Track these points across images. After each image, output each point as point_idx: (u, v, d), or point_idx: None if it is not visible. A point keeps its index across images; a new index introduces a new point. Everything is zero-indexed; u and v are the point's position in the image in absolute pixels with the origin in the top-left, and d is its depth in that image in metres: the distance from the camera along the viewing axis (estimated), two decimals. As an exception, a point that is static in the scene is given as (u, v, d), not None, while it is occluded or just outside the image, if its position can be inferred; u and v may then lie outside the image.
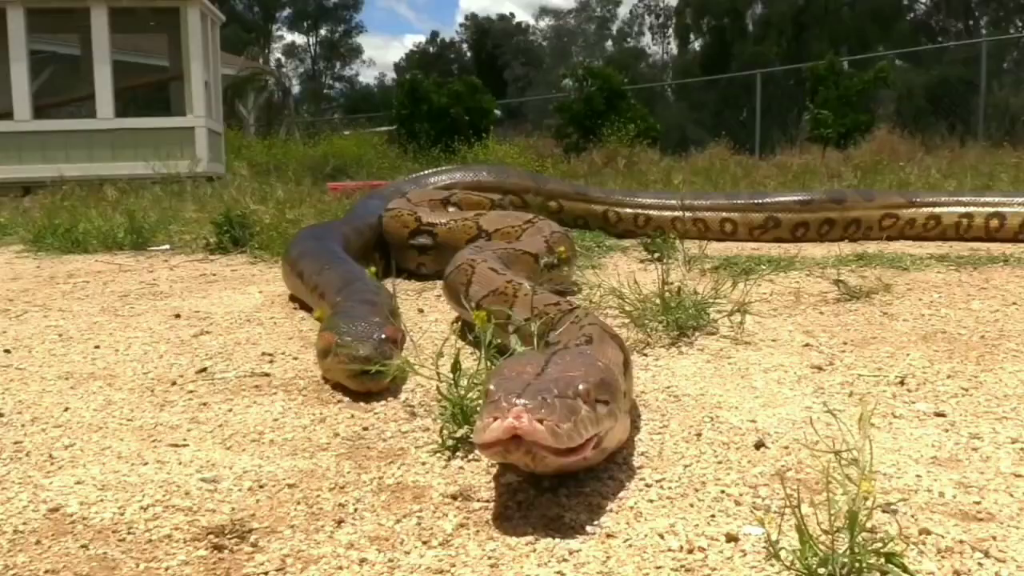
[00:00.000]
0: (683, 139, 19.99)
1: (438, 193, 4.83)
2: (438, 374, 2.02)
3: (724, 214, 5.24)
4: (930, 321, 2.90)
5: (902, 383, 2.20)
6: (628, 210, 5.39)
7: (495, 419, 1.33)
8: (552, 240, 3.43)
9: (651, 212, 5.33)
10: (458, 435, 1.75)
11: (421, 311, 3.37)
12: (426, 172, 5.96)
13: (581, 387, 1.45)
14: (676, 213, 5.24)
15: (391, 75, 50.46)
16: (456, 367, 1.80)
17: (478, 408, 1.81)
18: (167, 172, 9.25)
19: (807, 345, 2.62)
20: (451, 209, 4.54)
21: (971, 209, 5.05)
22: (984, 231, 4.98)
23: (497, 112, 16.74)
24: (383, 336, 2.27)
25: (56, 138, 11.86)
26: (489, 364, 1.88)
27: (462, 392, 1.78)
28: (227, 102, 14.22)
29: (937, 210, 5.11)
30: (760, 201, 5.37)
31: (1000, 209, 5.00)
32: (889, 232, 5.09)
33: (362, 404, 2.13)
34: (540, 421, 1.33)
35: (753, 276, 3.51)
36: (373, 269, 2.60)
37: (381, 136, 14.79)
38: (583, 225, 5.44)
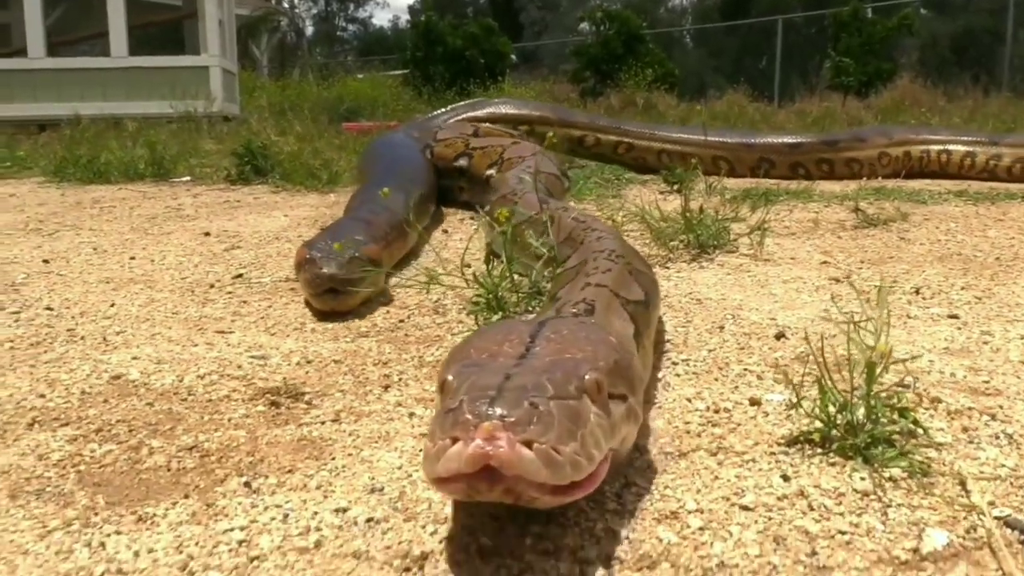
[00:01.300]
0: (701, 85, 19.73)
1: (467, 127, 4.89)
2: (464, 277, 2.12)
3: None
4: (946, 245, 2.96)
5: (917, 292, 2.28)
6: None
7: (454, 440, 0.87)
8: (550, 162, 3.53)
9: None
10: (492, 321, 1.84)
11: (446, 231, 3.45)
12: (452, 108, 5.96)
13: (588, 377, 1.00)
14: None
15: (405, 17, 49.54)
16: (489, 260, 1.88)
17: (507, 296, 1.91)
18: (183, 111, 9.27)
19: (825, 262, 2.69)
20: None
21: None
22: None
23: (513, 56, 16.59)
24: (356, 254, 2.15)
25: (70, 76, 11.85)
26: (508, 272, 1.96)
27: (495, 281, 1.87)
28: (240, 43, 14.14)
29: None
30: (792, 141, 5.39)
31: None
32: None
33: (397, 301, 2.22)
34: (528, 444, 0.87)
35: (773, 204, 3.57)
36: (386, 190, 2.61)
37: (395, 79, 14.71)
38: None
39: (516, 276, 2.03)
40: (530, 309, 1.98)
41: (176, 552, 0.99)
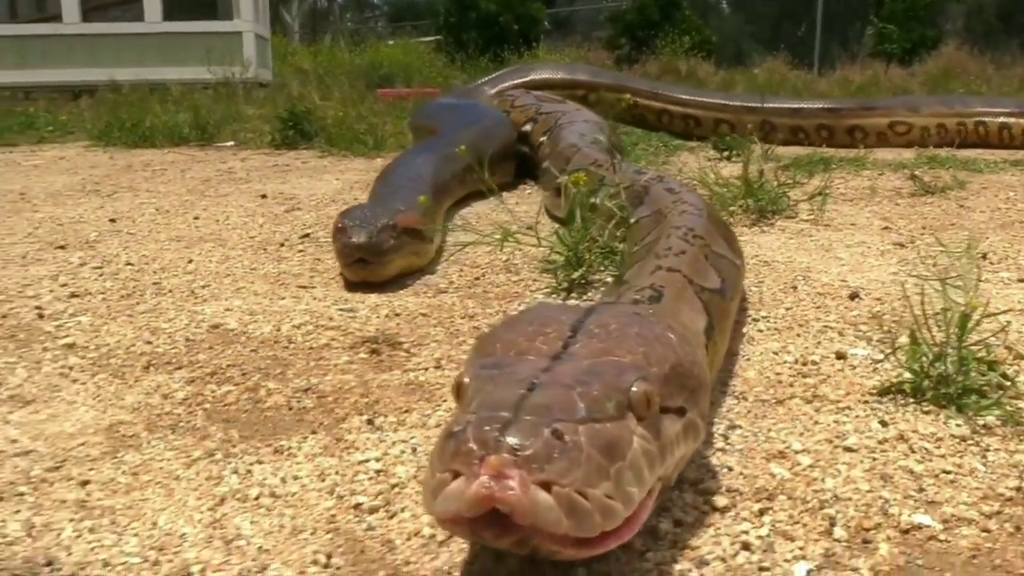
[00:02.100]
0: (738, 52, 19.42)
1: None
2: (537, 235, 2.16)
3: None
4: (1007, 213, 2.96)
5: (984, 257, 2.30)
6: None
7: (454, 474, 0.73)
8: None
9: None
10: (573, 277, 1.89)
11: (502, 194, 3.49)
12: (508, 70, 5.95)
13: (636, 389, 0.82)
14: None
15: (436, -17, 49.09)
16: (571, 217, 1.93)
17: (588, 255, 1.95)
18: (220, 76, 9.32)
19: (886, 228, 2.71)
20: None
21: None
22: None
23: (546, 22, 16.45)
24: (390, 223, 2.04)
25: (105, 41, 11.92)
26: (586, 231, 2.00)
27: (576, 238, 1.91)
28: (272, 8, 14.15)
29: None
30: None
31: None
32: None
33: (468, 260, 2.27)
34: (546, 486, 0.71)
35: (828, 170, 3.58)
36: (463, 147, 2.64)
37: (428, 45, 14.66)
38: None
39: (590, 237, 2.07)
40: (604, 268, 2.02)
41: (319, 479, 1.06)
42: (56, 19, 12.40)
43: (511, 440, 0.72)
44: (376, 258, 1.97)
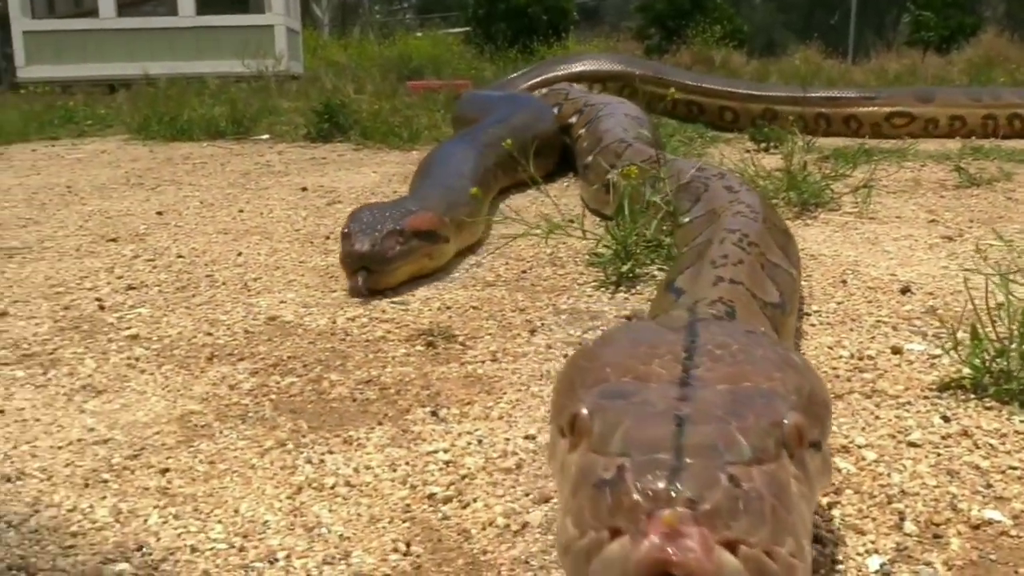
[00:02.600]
0: (770, 42, 19.22)
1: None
2: (582, 228, 2.18)
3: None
4: (1056, 205, 2.92)
5: (1035, 250, 2.27)
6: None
7: (613, 533, 0.62)
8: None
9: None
10: (622, 271, 1.90)
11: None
12: (548, 62, 5.96)
13: (789, 421, 0.72)
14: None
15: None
16: (620, 211, 1.94)
17: (636, 249, 1.96)
18: (254, 70, 9.41)
19: (932, 221, 2.69)
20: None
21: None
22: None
23: (575, 14, 16.39)
24: (398, 228, 1.93)
25: (140, 36, 12.08)
26: (633, 225, 2.01)
27: (624, 234, 1.92)
28: (302, 2, 14.24)
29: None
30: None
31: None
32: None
33: (513, 253, 2.29)
34: (731, 546, 0.61)
35: (871, 162, 3.55)
36: (509, 141, 2.64)
37: (456, 37, 14.68)
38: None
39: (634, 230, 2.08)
40: (650, 262, 2.03)
41: (391, 469, 1.09)
42: (92, 14, 12.58)
43: (684, 489, 0.60)
44: (380, 267, 1.87)
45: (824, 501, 0.99)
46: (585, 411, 0.71)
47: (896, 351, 1.49)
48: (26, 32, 12.28)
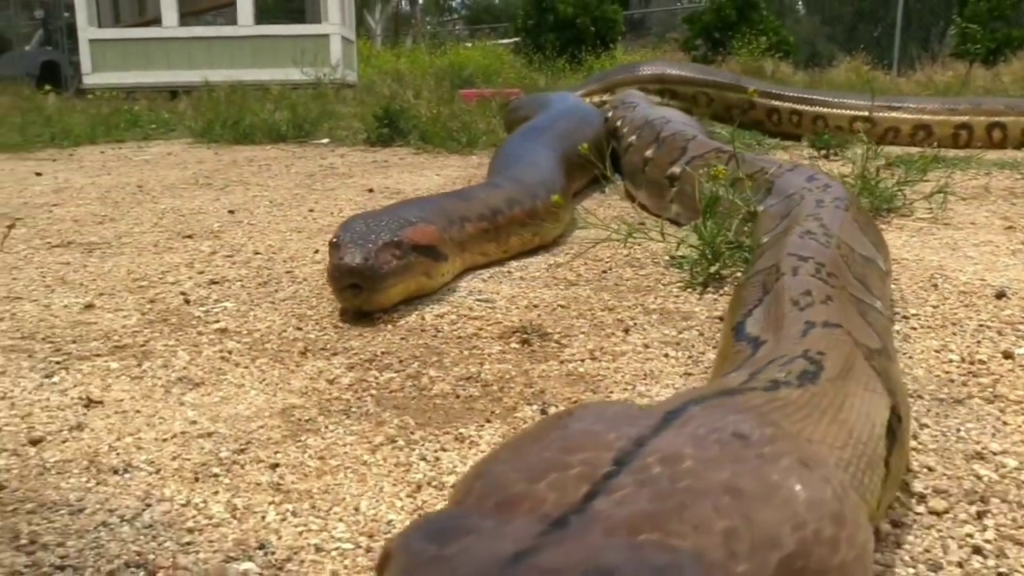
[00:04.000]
0: (814, 54, 18.99)
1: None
2: (662, 231, 2.14)
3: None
4: None
5: None
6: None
7: None
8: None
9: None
10: (710, 272, 1.86)
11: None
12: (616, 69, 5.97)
13: None
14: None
15: (513, -14, 49.53)
16: (707, 213, 1.90)
17: (723, 249, 1.92)
18: (310, 78, 9.54)
19: (1010, 228, 2.60)
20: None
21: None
22: None
23: (622, 25, 16.38)
24: (394, 239, 1.72)
25: (200, 44, 12.33)
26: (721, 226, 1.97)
27: (712, 234, 1.88)
28: (356, 12, 14.42)
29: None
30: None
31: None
32: None
33: (590, 255, 2.26)
34: None
35: (933, 170, 3.45)
36: (585, 145, 2.61)
37: (506, 47, 14.73)
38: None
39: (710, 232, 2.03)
40: (732, 263, 1.98)
41: (505, 466, 1.06)
42: (156, 23, 12.89)
43: None
44: (373, 283, 1.65)
45: (972, 510, 0.93)
46: (393, 550, 0.52)
47: (1007, 356, 1.42)
48: (92, 40, 12.62)
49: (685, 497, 0.51)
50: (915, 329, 1.60)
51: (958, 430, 1.14)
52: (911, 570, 0.83)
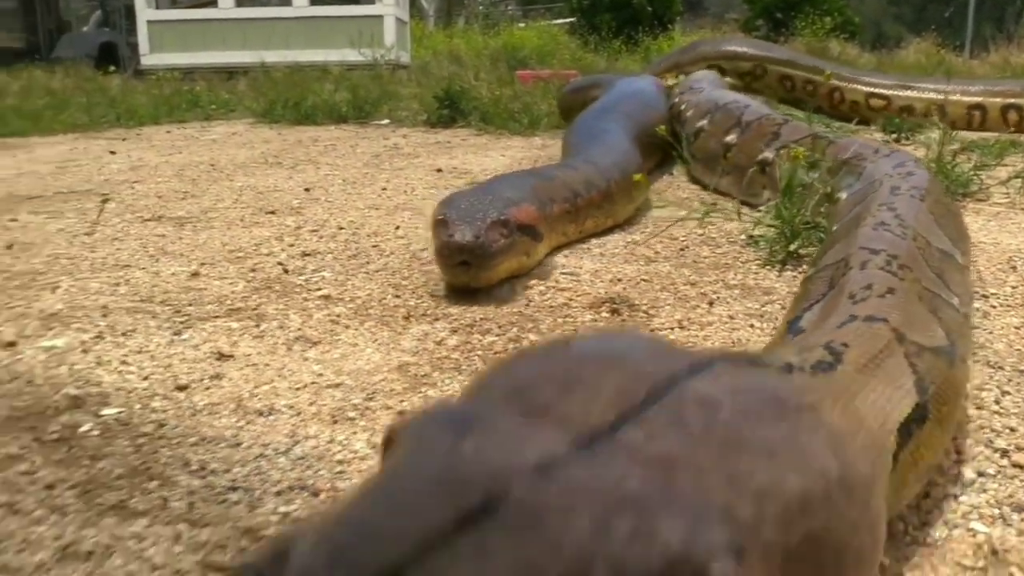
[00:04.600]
0: (880, 35, 18.64)
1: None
2: (739, 212, 2.20)
3: None
4: None
5: None
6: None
7: None
8: None
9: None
10: (790, 249, 1.92)
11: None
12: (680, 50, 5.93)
13: (718, 571, 0.40)
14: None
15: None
16: (788, 190, 1.96)
17: (803, 231, 1.98)
18: (366, 59, 9.67)
19: (1091, 213, 2.61)
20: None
21: None
22: None
23: (679, 4, 16.24)
24: (501, 217, 1.74)
25: (256, 25, 12.56)
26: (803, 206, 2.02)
27: (791, 213, 1.94)
28: (409, -7, 14.53)
29: None
30: None
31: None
32: None
33: (665, 234, 2.33)
34: None
35: (1015, 154, 3.44)
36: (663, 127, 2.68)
37: (560, 28, 14.75)
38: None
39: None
40: (809, 243, 2.04)
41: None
42: (212, 4, 13.13)
43: None
44: (481, 261, 1.68)
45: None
46: (403, 432, 0.48)
47: (1095, 334, 1.47)
48: (150, 22, 12.92)
49: (721, 448, 0.47)
50: (994, 307, 1.65)
51: (1042, 399, 1.20)
52: (996, 511, 0.91)
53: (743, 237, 2.20)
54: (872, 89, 5.07)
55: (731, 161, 2.82)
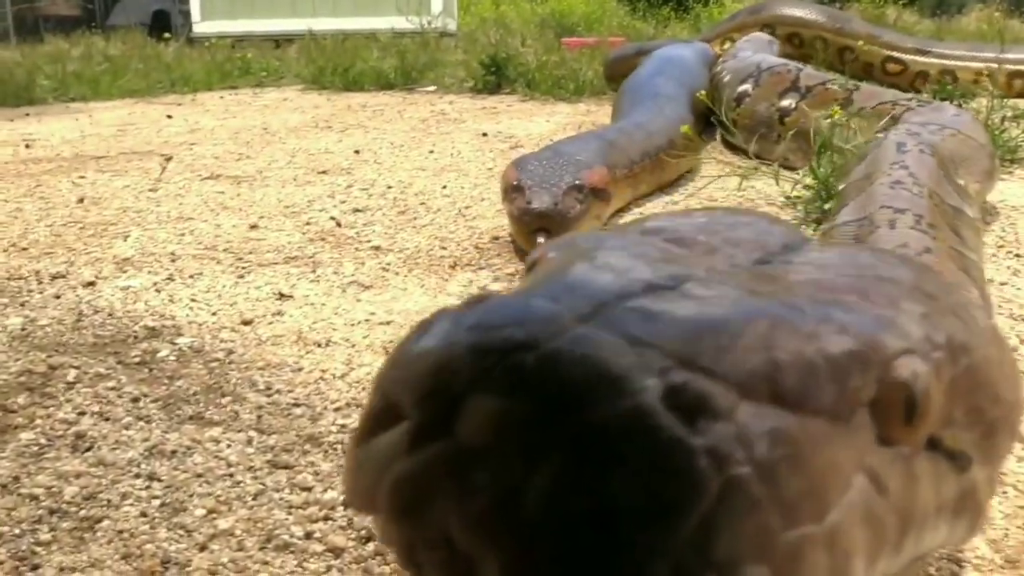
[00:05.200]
0: (942, 1, 18.11)
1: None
2: (776, 176, 2.25)
3: None
4: None
5: None
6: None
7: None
8: None
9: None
10: (824, 208, 1.97)
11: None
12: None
13: (905, 369, 0.42)
14: None
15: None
16: (822, 150, 2.00)
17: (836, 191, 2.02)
18: (414, 26, 9.73)
19: None
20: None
21: None
22: None
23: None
24: (576, 182, 1.72)
25: (305, -7, 12.68)
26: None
27: (826, 174, 1.99)
28: (456, -40, 14.50)
29: None
30: None
31: None
32: None
33: (704, 194, 2.39)
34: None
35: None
36: (703, 92, 2.70)
37: (608, -6, 14.64)
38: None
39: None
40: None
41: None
42: (261, -28, 13.23)
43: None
44: (561, 228, 1.62)
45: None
46: (551, 254, 0.49)
47: (1120, 291, 1.51)
48: (202, -10, 13.10)
49: (873, 281, 0.46)
50: (1021, 269, 1.69)
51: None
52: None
53: (781, 199, 2.25)
54: (890, 52, 4.95)
55: (789, 127, 2.82)
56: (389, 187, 2.66)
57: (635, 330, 0.36)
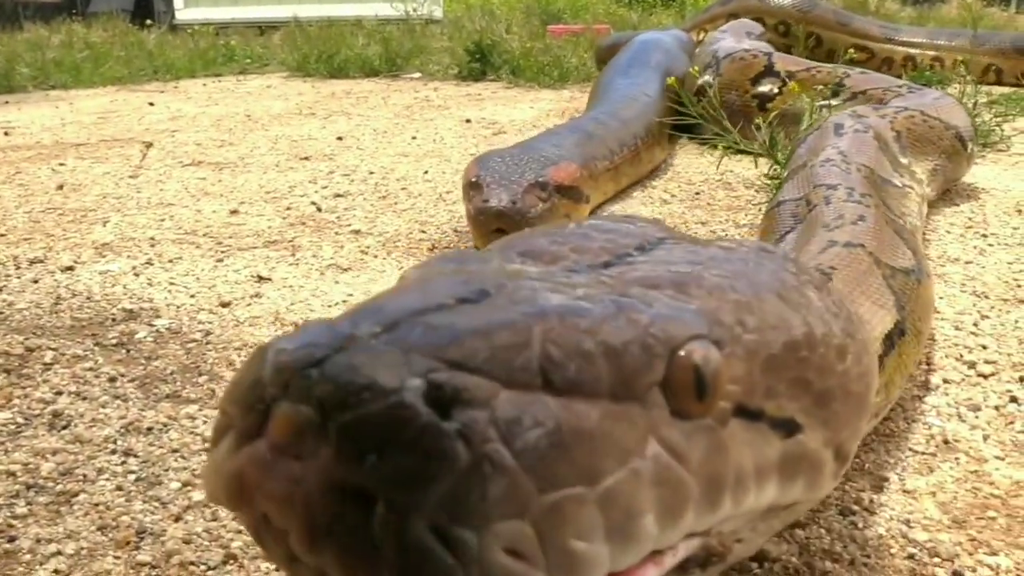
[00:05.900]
0: (923, -13, 18.22)
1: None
2: (755, 157, 2.28)
3: None
4: None
5: None
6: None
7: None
8: None
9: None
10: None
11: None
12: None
13: (688, 353, 0.48)
14: None
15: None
16: (772, 134, 2.03)
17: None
18: (399, 13, 9.69)
19: (1109, 163, 2.64)
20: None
21: None
22: None
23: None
24: (538, 180, 1.61)
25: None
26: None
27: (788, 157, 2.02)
28: (441, -53, 14.42)
29: None
30: None
31: None
32: None
33: (683, 177, 2.41)
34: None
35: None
36: (673, 79, 2.71)
37: (594, -18, 14.59)
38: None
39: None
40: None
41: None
42: (245, -43, 13.13)
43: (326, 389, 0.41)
44: (518, 228, 1.32)
45: (1016, 375, 1.10)
46: (407, 274, 0.58)
47: (1080, 269, 1.54)
48: (185, -24, 12.98)
49: (703, 273, 0.53)
50: (991, 245, 1.72)
51: (1016, 322, 1.29)
52: (953, 411, 1.00)
53: (758, 182, 2.28)
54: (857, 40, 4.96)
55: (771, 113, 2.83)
56: (371, 172, 2.67)
57: (414, 340, 0.43)
